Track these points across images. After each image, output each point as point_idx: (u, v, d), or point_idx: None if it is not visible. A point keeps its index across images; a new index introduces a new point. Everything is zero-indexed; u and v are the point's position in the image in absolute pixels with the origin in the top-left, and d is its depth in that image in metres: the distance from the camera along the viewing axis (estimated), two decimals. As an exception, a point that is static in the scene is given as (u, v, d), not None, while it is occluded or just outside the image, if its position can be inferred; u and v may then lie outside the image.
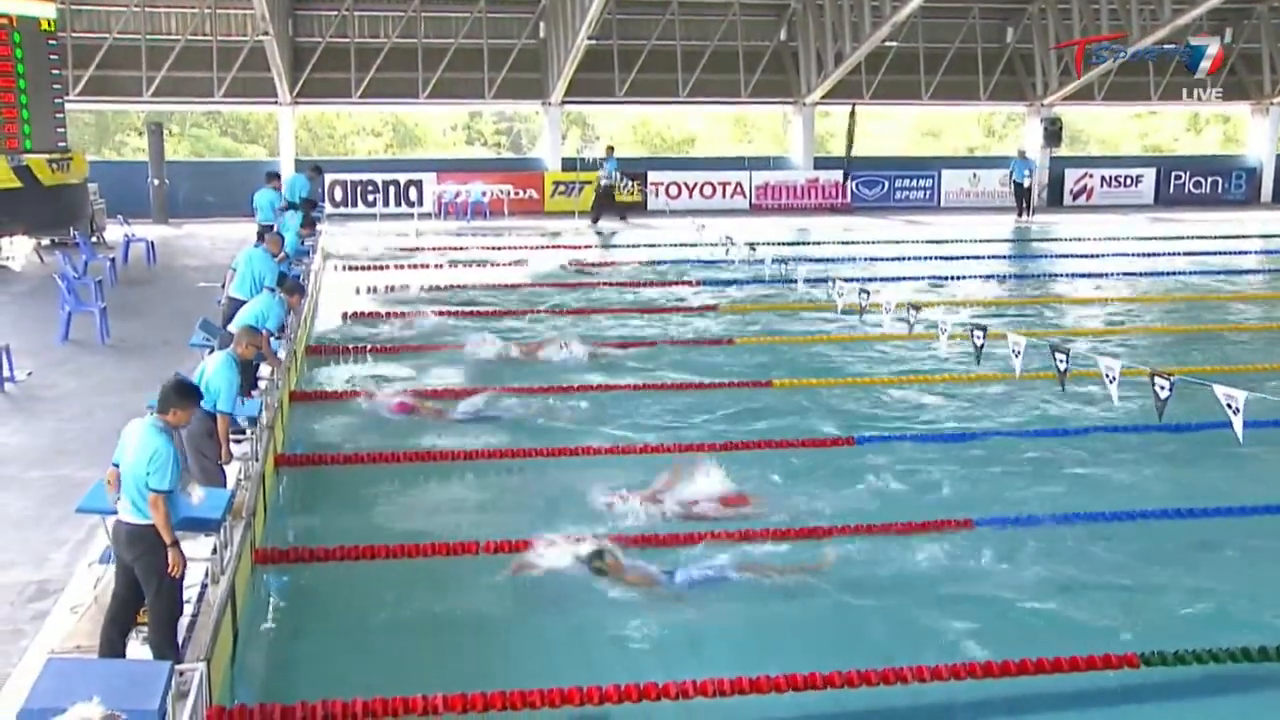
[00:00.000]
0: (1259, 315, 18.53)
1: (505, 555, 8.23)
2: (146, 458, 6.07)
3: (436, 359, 14.55)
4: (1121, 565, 8.28)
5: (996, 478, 10.16)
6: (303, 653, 7.07)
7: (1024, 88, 35.22)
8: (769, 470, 10.23)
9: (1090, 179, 35.60)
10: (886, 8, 28.96)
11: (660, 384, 13.29)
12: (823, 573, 8.06)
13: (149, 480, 6.04)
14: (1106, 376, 8.64)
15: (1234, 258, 24.39)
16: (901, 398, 12.79)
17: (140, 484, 6.06)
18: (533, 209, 31.45)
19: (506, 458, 10.55)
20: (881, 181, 34.17)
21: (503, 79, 32.16)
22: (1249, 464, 10.23)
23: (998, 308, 18.47)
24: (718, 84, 33.48)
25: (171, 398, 6.34)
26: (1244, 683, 6.62)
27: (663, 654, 6.99)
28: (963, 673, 6.47)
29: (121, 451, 6.26)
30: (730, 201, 33.20)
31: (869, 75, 33.67)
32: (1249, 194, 36.17)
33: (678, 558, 8.18)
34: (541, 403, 12.46)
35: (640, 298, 19.10)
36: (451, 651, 7.07)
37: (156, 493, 6.04)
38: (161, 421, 6.26)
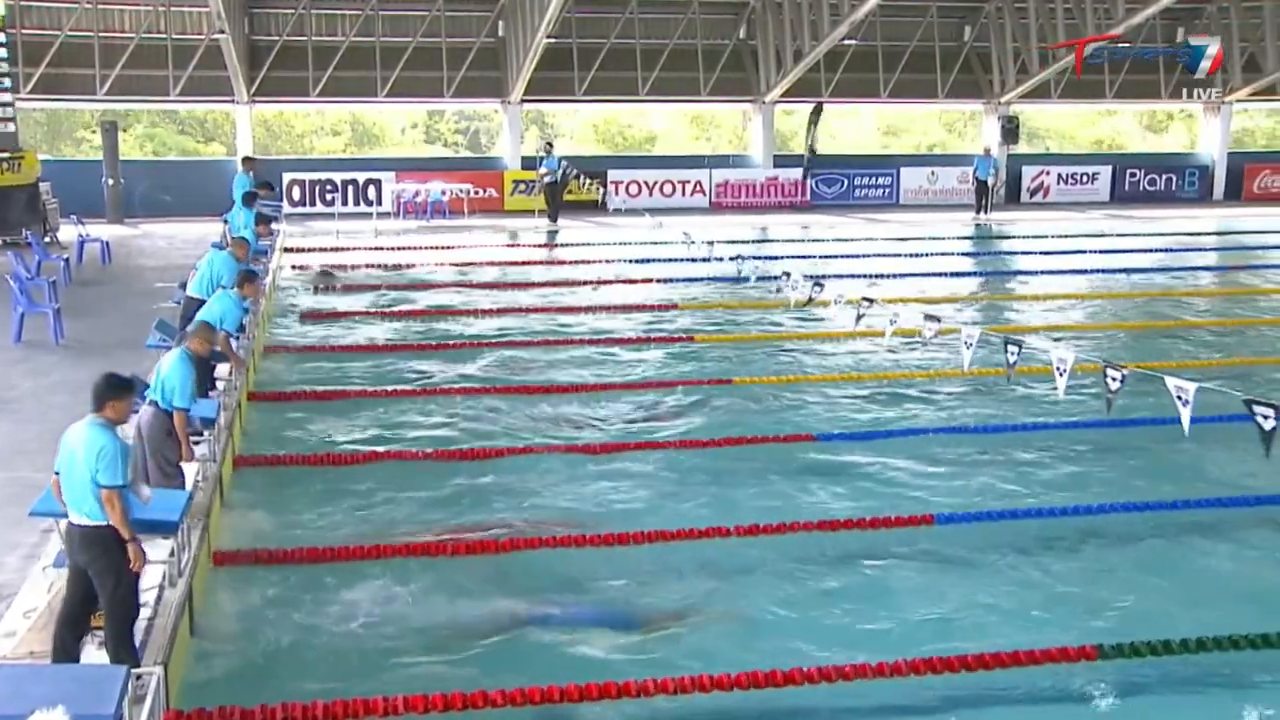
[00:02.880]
0: (1212, 310, 18.74)
1: (470, 556, 8.19)
2: (94, 456, 5.98)
3: (394, 359, 14.48)
4: (1080, 559, 8.35)
5: (957, 473, 10.20)
6: (262, 655, 7.01)
7: (981, 86, 35.45)
8: (729, 468, 10.24)
9: (1047, 176, 35.87)
10: (845, 6, 29.07)
11: (618, 383, 13.28)
12: (783, 569, 8.08)
13: (99, 477, 5.95)
14: (1057, 369, 8.71)
15: (1188, 254, 24.65)
16: (862, 394, 12.83)
17: (90, 484, 5.97)
18: (492, 208, 31.35)
19: (466, 459, 10.49)
20: (841, 179, 34.30)
21: (462, 78, 32.04)
22: (1204, 458, 10.33)
23: (959, 304, 18.56)
24: (677, 82, 33.51)
25: (105, 393, 6.25)
26: (1201, 673, 6.68)
27: (621, 654, 6.99)
28: (923, 668, 6.50)
29: (63, 457, 6.15)
30: (690, 200, 33.24)
31: (828, 73, 33.80)
32: (1202, 191, 36.57)
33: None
34: (500, 402, 12.43)
35: (600, 296, 19.07)
36: (413, 651, 7.03)
37: (110, 489, 5.96)
38: (101, 419, 6.17)
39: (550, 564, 8.21)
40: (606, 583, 7.98)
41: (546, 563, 8.21)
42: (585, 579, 8.00)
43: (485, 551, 8.31)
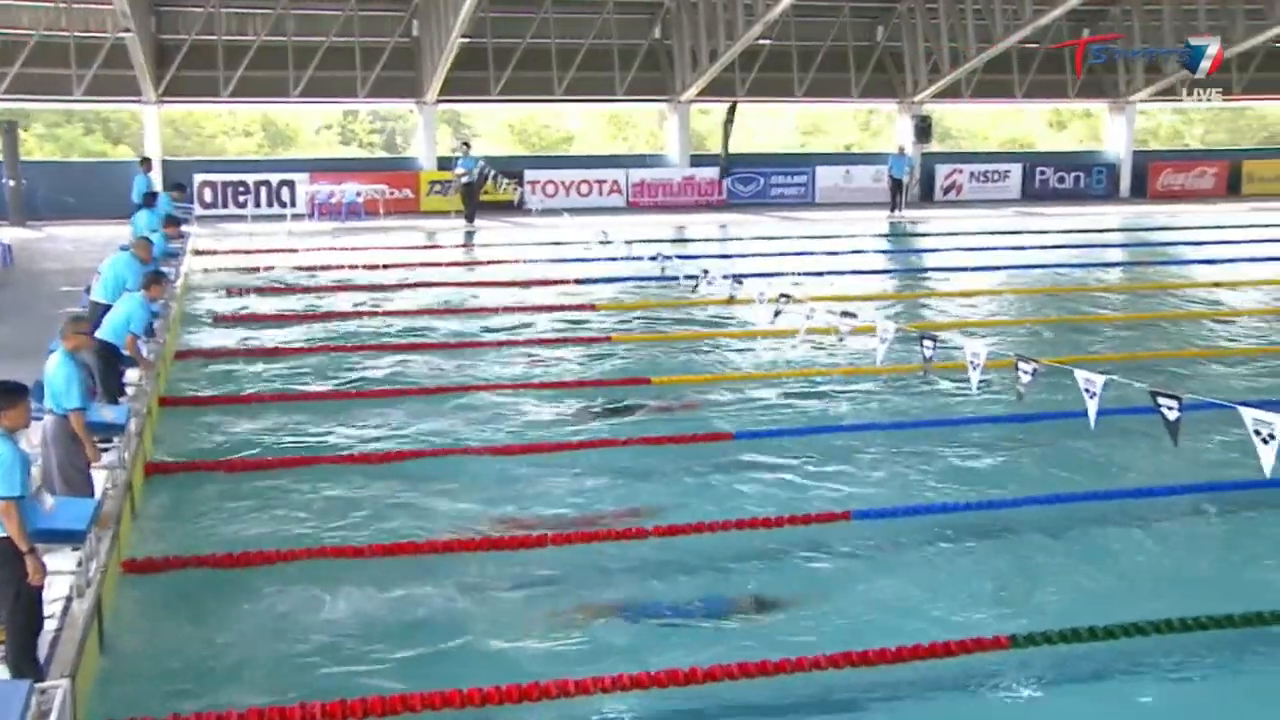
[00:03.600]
0: (1122, 305, 19.13)
1: (388, 558, 8.11)
2: (-14, 467, 5.83)
3: (310, 362, 14.31)
4: (995, 552, 8.47)
5: (874, 469, 10.30)
6: (176, 665, 6.87)
7: (895, 85, 35.88)
8: (648, 467, 10.25)
9: (960, 175, 36.42)
10: (759, 6, 29.24)
11: (538, 383, 13.23)
12: (702, 568, 8.10)
13: None
14: (971, 364, 8.84)
15: (1098, 250, 25.16)
16: (780, 391, 12.91)
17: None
18: (408, 209, 31.12)
19: (386, 461, 10.39)
20: (757, 178, 34.53)
21: (376, 77, 31.75)
22: (1117, 450, 10.54)
23: (875, 302, 18.74)
24: (593, 82, 33.51)
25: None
26: (1113, 660, 6.81)
27: (550, 653, 6.96)
28: (841, 662, 6.54)
29: None
30: (607, 199, 33.26)
31: (743, 73, 33.98)
32: (1109, 189, 37.36)
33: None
34: (417, 403, 12.33)
35: (517, 297, 19.00)
36: (331, 657, 6.93)
37: (5, 500, 5.80)
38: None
39: (471, 565, 8.15)
40: (525, 583, 7.93)
41: (468, 564, 8.14)
42: (502, 580, 7.95)
43: (403, 553, 8.23)
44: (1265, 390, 12.97)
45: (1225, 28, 34.72)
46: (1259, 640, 7.02)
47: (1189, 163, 39.04)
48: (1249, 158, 39.83)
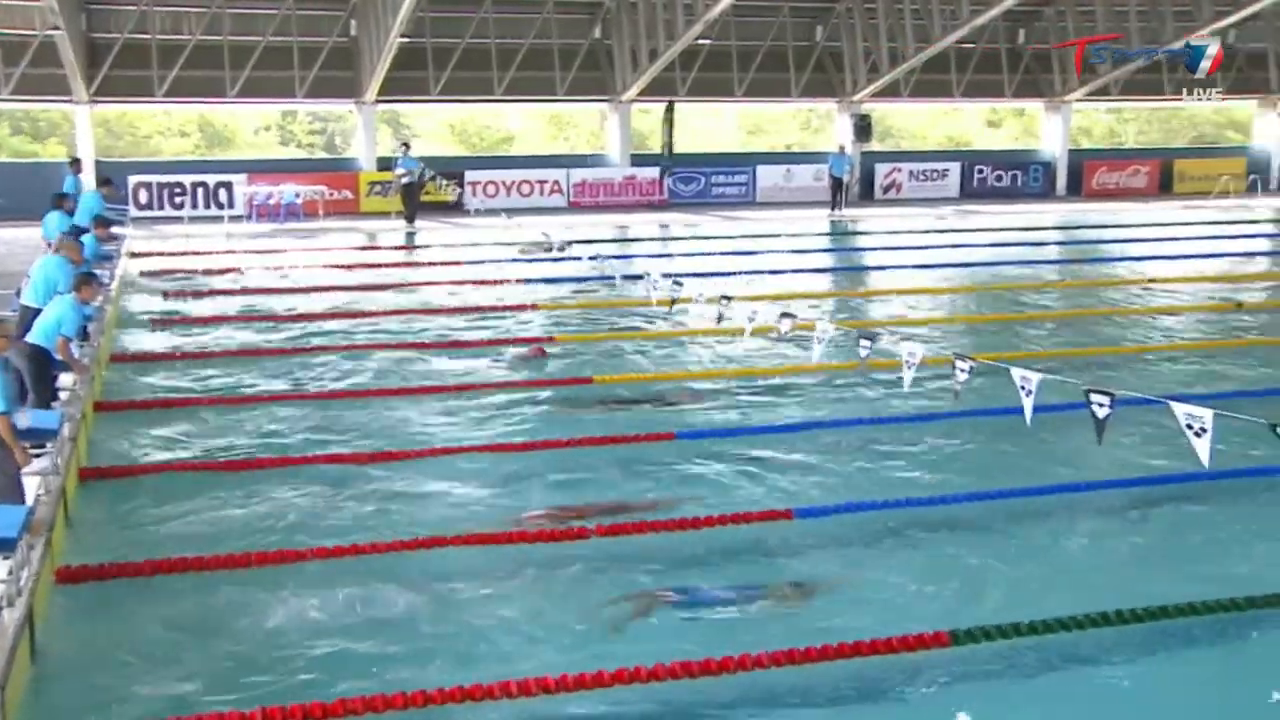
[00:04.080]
0: (1059, 302, 19.37)
1: (331, 561, 8.02)
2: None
3: (248, 365, 14.15)
4: (935, 547, 8.52)
5: (816, 467, 10.33)
6: (110, 675, 6.75)
7: (834, 85, 36.10)
8: (590, 466, 10.23)
9: (899, 173, 36.72)
10: (699, 6, 29.32)
11: (479, 384, 13.17)
12: (641, 569, 8.10)
13: None
14: (906, 363, 8.90)
15: (1035, 248, 25.47)
16: (720, 390, 12.93)
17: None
18: (348, 210, 30.90)
19: (327, 463, 10.29)
20: (698, 178, 34.62)
21: (314, 77, 31.49)
22: (1054, 446, 10.65)
23: (816, 300, 18.84)
24: (533, 82, 33.44)
25: None
26: (1051, 654, 6.88)
27: (490, 652, 6.92)
28: (783, 659, 6.55)
29: None
30: (548, 200, 33.22)
31: (683, 72, 34.07)
32: (1045, 187, 37.85)
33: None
34: (357, 406, 12.23)
35: (458, 298, 18.92)
36: (271, 664, 6.84)
37: None
38: None
39: (415, 564, 8.09)
40: (469, 583, 7.88)
41: (406, 566, 8.08)
42: (440, 581, 7.89)
43: (345, 555, 8.13)
44: (1198, 384, 13.18)
45: (1155, 29, 35.30)
46: (1196, 631, 7.12)
47: (1123, 162, 39.65)
48: (1180, 157, 40.52)
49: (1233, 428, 7.02)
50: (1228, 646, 7.03)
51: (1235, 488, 9.32)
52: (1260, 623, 7.22)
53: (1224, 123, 50.42)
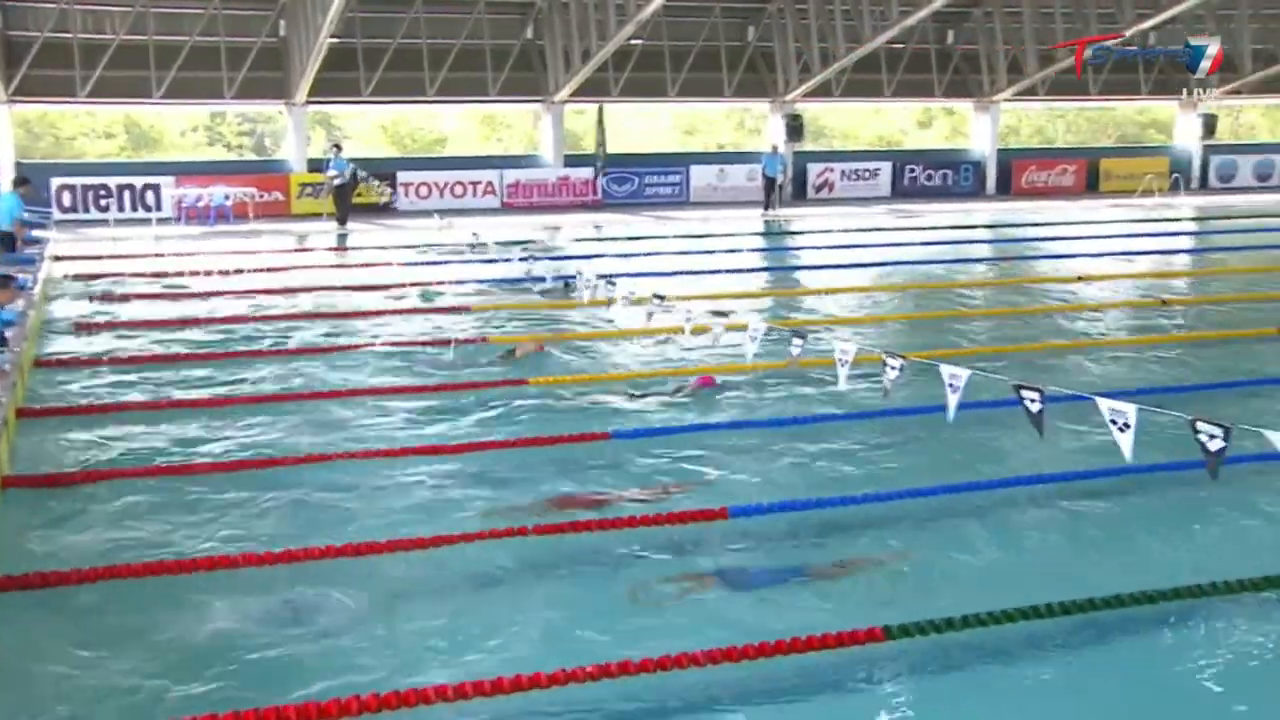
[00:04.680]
0: (987, 301, 19.59)
1: (263, 567, 7.90)
2: None
3: (176, 370, 13.94)
4: (868, 544, 8.57)
5: (749, 466, 10.35)
6: (35, 687, 6.60)
7: (766, 85, 36.31)
8: (525, 468, 10.18)
9: (831, 173, 36.99)
10: (631, 6, 29.35)
11: (411, 386, 13.06)
12: (577, 569, 8.07)
13: None
14: (839, 361, 8.95)
15: (967, 246, 25.76)
16: (656, 390, 12.92)
17: None
18: (279, 212, 30.60)
19: (253, 468, 10.15)
20: (632, 178, 34.67)
21: (243, 78, 31.14)
22: (984, 443, 10.76)
23: (750, 300, 18.90)
24: (466, 82, 33.31)
25: None
26: (985, 648, 6.93)
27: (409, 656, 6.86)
28: (719, 657, 6.55)
29: None
30: (482, 200, 33.12)
31: (616, 73, 34.10)
32: (975, 186, 38.33)
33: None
34: (288, 409, 12.09)
35: (391, 299, 18.78)
36: (199, 673, 6.73)
37: None
38: None
39: (347, 571, 7.99)
40: (396, 586, 7.81)
41: (343, 571, 7.98)
42: (378, 585, 7.81)
43: (266, 563, 8.01)
44: (1126, 380, 13.39)
45: (1080, 30, 35.86)
46: (1125, 623, 7.22)
47: (1051, 161, 40.30)
48: (1106, 156, 41.23)
49: (1157, 423, 7.12)
50: (1154, 636, 7.14)
51: (1159, 481, 9.46)
52: (1184, 613, 7.35)
53: (1146, 123, 51.40)
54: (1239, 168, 41.44)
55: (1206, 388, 12.90)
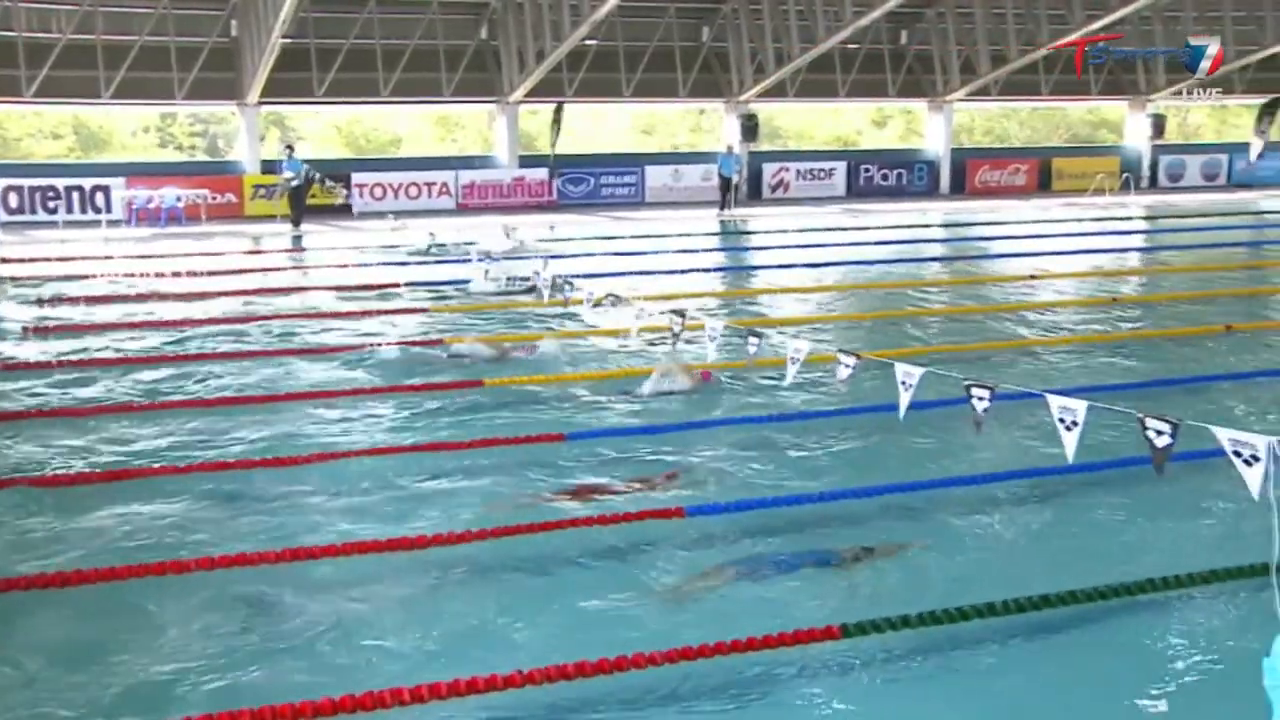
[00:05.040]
0: (945, 299, 19.72)
1: (207, 572, 7.82)
2: None
3: (125, 373, 13.79)
4: (822, 542, 8.59)
5: (705, 465, 10.36)
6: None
7: (721, 85, 36.38)
8: (480, 469, 10.15)
9: (786, 173, 37.12)
10: (585, 6, 29.33)
11: (367, 388, 12.99)
12: (536, 569, 8.05)
13: None
14: (791, 359, 8.98)
15: (922, 246, 25.92)
16: (612, 391, 12.90)
17: None
18: (232, 213, 30.35)
19: (211, 471, 10.06)
20: (587, 179, 34.64)
21: (194, 79, 30.84)
22: (936, 441, 10.81)
23: (706, 300, 18.92)
24: (420, 83, 33.17)
25: None
26: (938, 645, 6.97)
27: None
28: (676, 656, 6.55)
29: None
30: (437, 201, 32.98)
31: (571, 73, 34.06)
32: (930, 185, 38.58)
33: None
34: (242, 412, 11.98)
35: (346, 300, 18.67)
36: (153, 681, 6.65)
37: None
38: None
39: (299, 575, 7.93)
40: (342, 589, 7.76)
41: (295, 575, 7.92)
42: (330, 589, 7.76)
43: (230, 566, 7.93)
44: (1077, 377, 13.51)
45: (1031, 31, 36.20)
46: (1075, 619, 7.28)
47: (1004, 160, 40.62)
48: (1058, 155, 41.63)
49: (1109, 421, 7.19)
50: (1105, 632, 7.21)
51: (1109, 479, 9.55)
52: (1136, 608, 7.43)
53: (1098, 122, 51.94)
54: (1187, 167, 41.97)
55: (1156, 385, 13.06)
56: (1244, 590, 7.37)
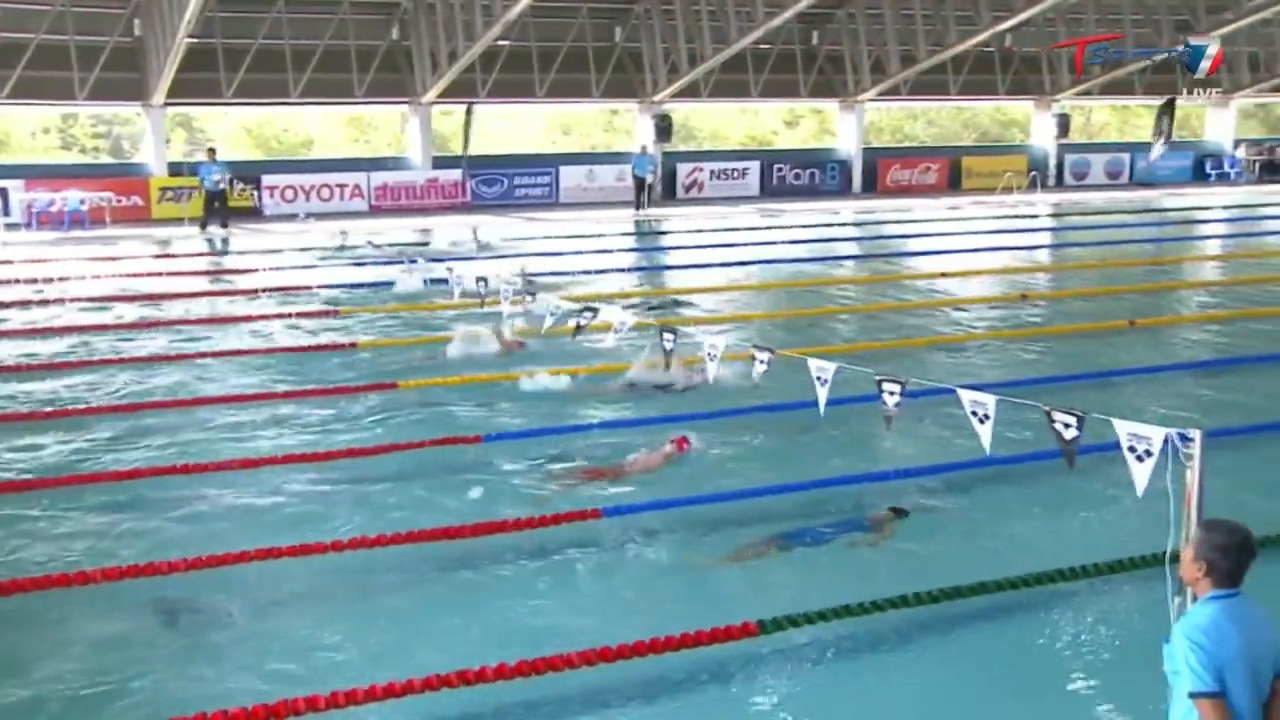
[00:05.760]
0: (859, 297, 19.92)
1: (128, 580, 7.66)
2: None
3: (25, 380, 13.46)
4: (739, 540, 8.63)
5: (625, 467, 10.35)
6: None
7: (634, 85, 36.40)
8: (397, 472, 10.06)
9: (701, 172, 37.26)
10: (497, 7, 29.20)
11: (279, 393, 12.80)
12: (452, 571, 8.00)
13: None
14: (708, 356, 9.01)
15: (834, 244, 26.15)
16: (528, 391, 12.86)
17: None
18: (138, 216, 29.76)
19: (118, 480, 9.85)
20: (501, 179, 34.49)
21: (96, 79, 30.16)
22: (852, 436, 10.92)
23: (621, 300, 18.90)
24: (331, 84, 32.78)
25: None
26: (855, 638, 7.04)
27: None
28: (594, 658, 6.54)
29: None
30: (349, 203, 32.63)
31: (484, 74, 33.88)
32: (842, 184, 38.96)
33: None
34: (152, 418, 11.75)
35: (258, 305, 18.41)
36: (65, 695, 6.50)
37: None
38: None
39: (201, 583, 7.79)
40: (266, 593, 7.65)
41: (195, 582, 7.78)
42: (233, 592, 7.64)
43: (138, 576, 7.77)
44: (988, 372, 13.74)
45: (940, 32, 36.74)
46: (990, 609, 7.40)
47: (915, 159, 41.15)
48: (967, 154, 42.27)
49: (1018, 416, 7.30)
50: (1015, 621, 7.34)
51: (1020, 472, 9.70)
52: (1046, 597, 7.57)
53: (1006, 122, 52.80)
54: (1091, 166, 42.85)
55: (1064, 379, 13.31)
56: (1148, 578, 7.53)
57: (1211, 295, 20.02)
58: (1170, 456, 5.21)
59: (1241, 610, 4.39)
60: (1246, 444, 10.65)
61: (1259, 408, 12.12)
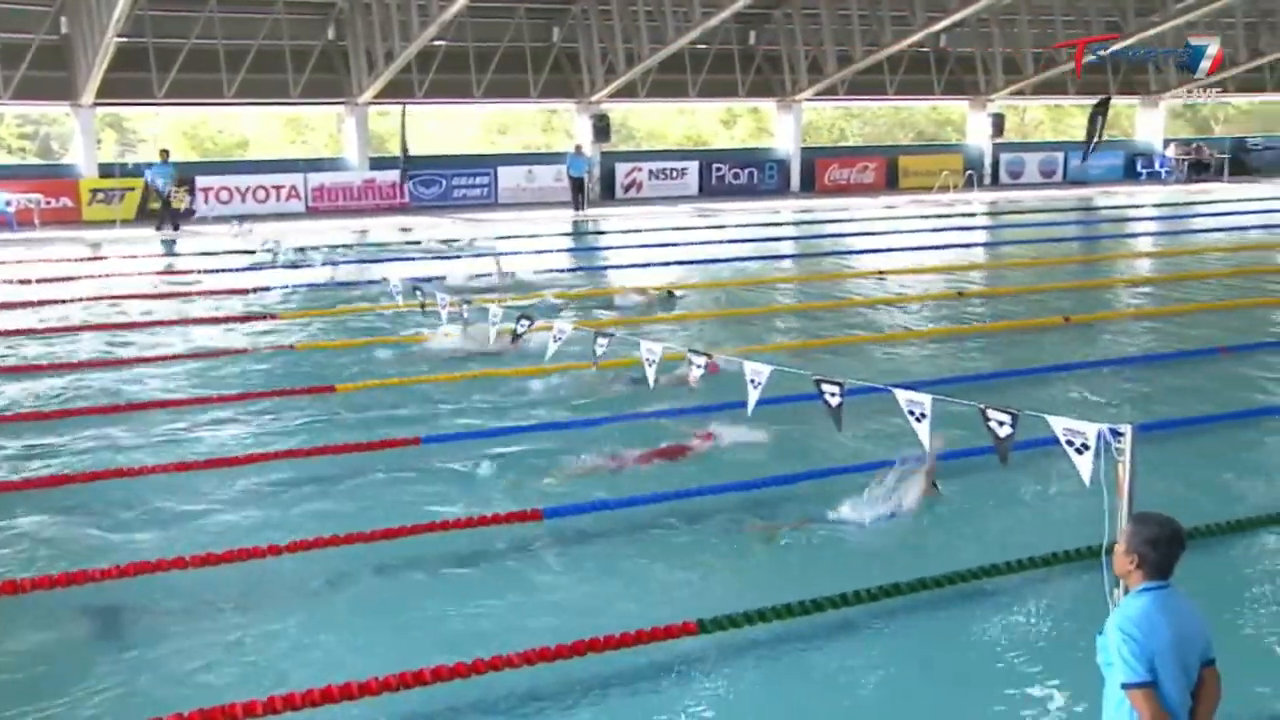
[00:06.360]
0: (794, 296, 20.03)
1: (59, 589, 7.53)
2: None
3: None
4: (678, 540, 8.66)
5: (564, 466, 10.33)
6: None
7: (572, 85, 36.36)
8: (337, 476, 9.98)
9: (639, 172, 37.29)
10: (434, 7, 29.05)
11: (214, 396, 12.64)
12: (393, 573, 7.95)
13: None
14: (646, 360, 9.02)
15: (773, 243, 26.28)
16: (466, 393, 12.81)
17: None
18: (68, 218, 29.27)
19: (54, 485, 9.69)
20: (439, 180, 34.32)
21: (21, 77, 29.61)
22: (793, 437, 10.96)
23: (558, 301, 18.87)
24: (266, 84, 32.44)
25: None
26: (794, 637, 7.08)
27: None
28: (535, 658, 6.53)
29: None
30: (286, 205, 32.31)
31: (421, 74, 33.70)
32: (780, 184, 39.15)
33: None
34: (88, 423, 11.57)
35: (192, 307, 18.18)
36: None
37: None
38: None
39: (135, 590, 7.68)
40: (202, 600, 7.55)
41: (128, 589, 7.67)
42: (168, 599, 7.55)
43: (69, 584, 7.64)
44: (925, 370, 13.86)
45: (876, 32, 37.03)
46: (926, 604, 7.47)
47: (852, 159, 41.44)
48: (905, 154, 42.64)
49: (954, 413, 7.36)
50: (954, 615, 7.41)
51: (955, 468, 9.78)
52: (982, 591, 7.66)
53: (941, 121, 53.36)
54: (1026, 164, 43.37)
55: (1001, 375, 13.46)
56: (1082, 571, 7.64)
57: (1143, 292, 20.35)
58: (1103, 451, 5.29)
59: (1172, 602, 4.47)
60: (1178, 437, 10.83)
61: (1189, 403, 12.33)
